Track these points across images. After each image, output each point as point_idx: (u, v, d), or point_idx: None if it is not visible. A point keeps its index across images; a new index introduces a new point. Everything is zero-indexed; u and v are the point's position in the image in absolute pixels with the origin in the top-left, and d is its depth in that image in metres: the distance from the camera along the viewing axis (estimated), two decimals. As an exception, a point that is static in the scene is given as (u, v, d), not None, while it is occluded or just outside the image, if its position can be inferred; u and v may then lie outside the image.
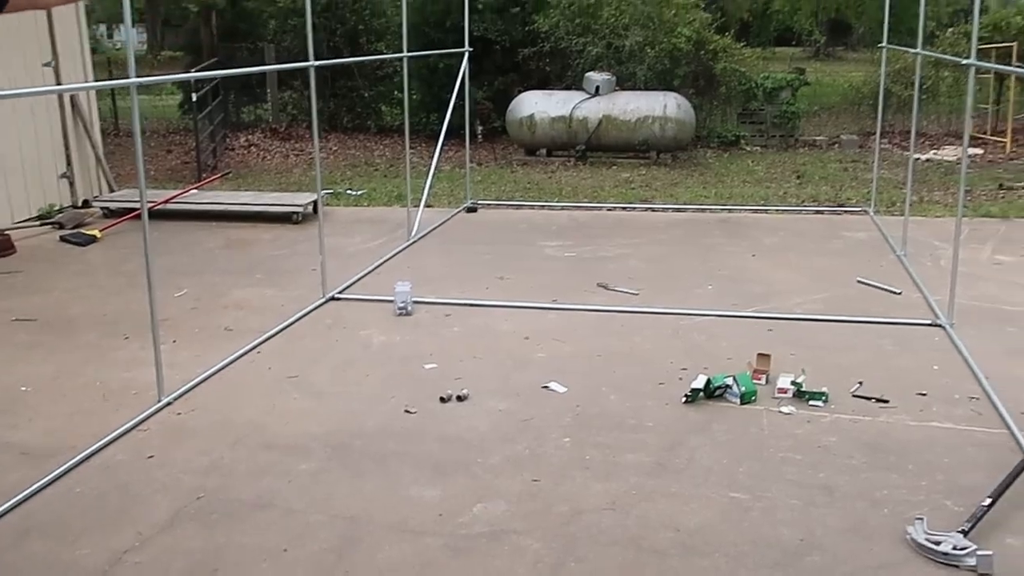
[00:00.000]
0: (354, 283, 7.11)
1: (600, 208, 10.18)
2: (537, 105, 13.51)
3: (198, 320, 6.27)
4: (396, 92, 16.28)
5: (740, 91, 14.91)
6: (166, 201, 9.56)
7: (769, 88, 14.80)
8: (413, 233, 8.60)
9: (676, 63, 14.29)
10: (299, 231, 9.08)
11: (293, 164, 14.00)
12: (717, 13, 16.89)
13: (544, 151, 13.69)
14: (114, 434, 4.33)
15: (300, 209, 9.38)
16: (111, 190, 10.65)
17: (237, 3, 18.51)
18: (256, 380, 5.11)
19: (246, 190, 11.22)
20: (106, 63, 20.43)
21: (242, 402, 4.77)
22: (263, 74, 16.43)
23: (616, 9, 14.51)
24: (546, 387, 4.90)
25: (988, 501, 3.47)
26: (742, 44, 15.80)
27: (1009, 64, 14.48)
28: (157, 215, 8.50)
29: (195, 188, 10.68)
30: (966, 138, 6.37)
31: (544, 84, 14.80)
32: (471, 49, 9.93)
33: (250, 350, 5.58)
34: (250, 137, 15.73)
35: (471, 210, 9.96)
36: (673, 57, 14.20)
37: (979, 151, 13.94)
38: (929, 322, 5.91)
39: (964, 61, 5.80)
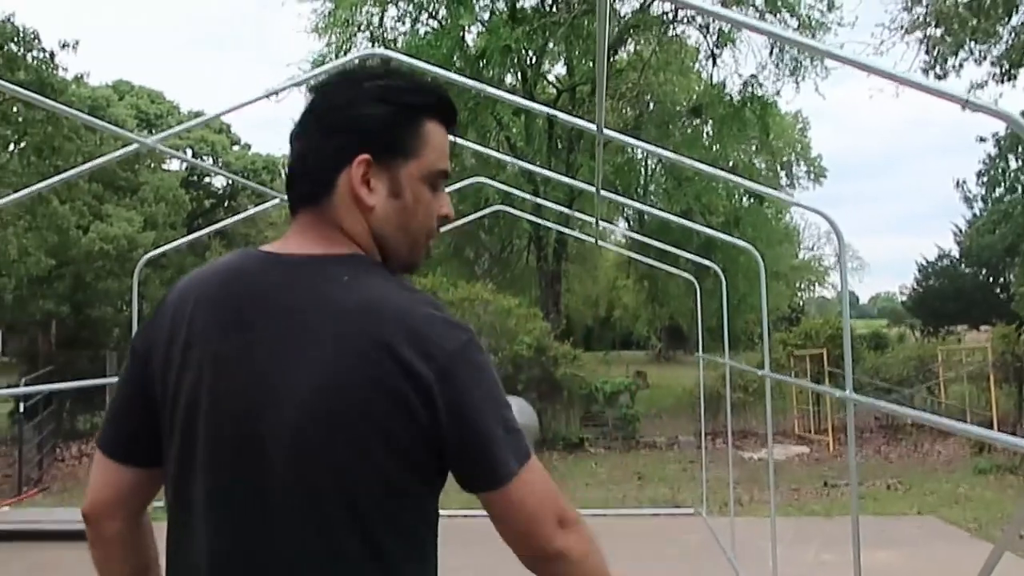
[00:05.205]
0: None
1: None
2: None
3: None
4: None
5: (581, 395, 15.50)
6: (-29, 521, 8.91)
7: (608, 392, 15.46)
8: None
9: (519, 369, 14.85)
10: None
11: (126, 475, 13.38)
12: (563, 321, 17.91)
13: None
14: None
15: (122, 526, 8.84)
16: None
17: (82, 311, 18.43)
18: None
19: (70, 505, 10.57)
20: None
21: None
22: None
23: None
24: None
25: None
26: (580, 350, 16.66)
27: (822, 368, 15.75)
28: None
29: (7, 505, 10.02)
30: (769, 441, 6.80)
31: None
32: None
33: None
34: (83, 447, 15.05)
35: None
36: (516, 363, 14.77)
37: (805, 449, 14.73)
38: (759, 630, 5.94)
39: (760, 372, 6.30)
